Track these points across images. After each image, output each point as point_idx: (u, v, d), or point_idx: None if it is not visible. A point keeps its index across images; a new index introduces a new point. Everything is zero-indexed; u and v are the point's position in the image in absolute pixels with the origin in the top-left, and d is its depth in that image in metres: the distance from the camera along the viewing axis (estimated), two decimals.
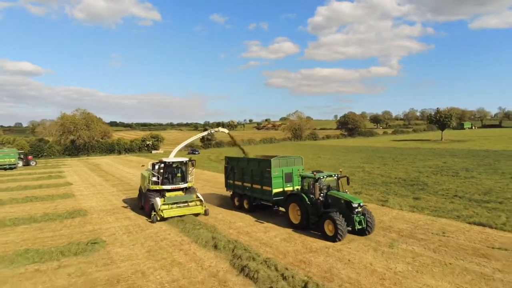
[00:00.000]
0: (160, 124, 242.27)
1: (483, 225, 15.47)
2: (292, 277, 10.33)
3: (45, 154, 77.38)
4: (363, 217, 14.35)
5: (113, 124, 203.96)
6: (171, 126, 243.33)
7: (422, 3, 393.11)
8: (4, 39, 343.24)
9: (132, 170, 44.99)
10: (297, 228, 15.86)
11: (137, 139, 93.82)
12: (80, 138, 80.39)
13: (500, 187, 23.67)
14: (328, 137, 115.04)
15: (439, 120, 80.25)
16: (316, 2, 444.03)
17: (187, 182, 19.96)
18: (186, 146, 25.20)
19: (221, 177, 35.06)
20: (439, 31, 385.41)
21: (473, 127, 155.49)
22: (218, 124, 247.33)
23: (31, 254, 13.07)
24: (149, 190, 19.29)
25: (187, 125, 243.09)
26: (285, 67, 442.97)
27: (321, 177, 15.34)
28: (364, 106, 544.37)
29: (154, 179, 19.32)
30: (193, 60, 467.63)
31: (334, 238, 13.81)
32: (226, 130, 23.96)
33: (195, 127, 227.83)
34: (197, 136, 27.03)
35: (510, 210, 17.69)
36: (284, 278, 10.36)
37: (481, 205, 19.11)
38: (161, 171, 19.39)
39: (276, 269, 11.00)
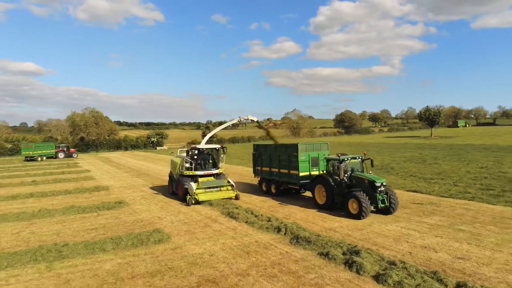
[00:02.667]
0: (163, 123, 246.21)
1: (417, 191, 20.18)
2: (261, 215, 15.15)
3: None
4: (386, 196, 14.84)
5: (117, 123, 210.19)
6: (174, 125, 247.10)
7: (422, 3, 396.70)
8: (7, 40, 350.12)
9: (140, 162, 49.86)
10: (322, 208, 16.55)
11: (142, 136, 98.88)
12: (90, 135, 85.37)
13: (453, 170, 28.21)
14: (325, 134, 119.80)
15: (428, 118, 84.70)
16: (318, 2, 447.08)
17: (218, 168, 20.86)
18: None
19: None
20: (441, 30, 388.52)
21: (467, 125, 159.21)
22: (220, 123, 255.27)
23: (75, 208, 17.92)
24: (182, 175, 20.10)
25: (189, 124, 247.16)
26: (286, 67, 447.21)
27: (346, 159, 16.08)
28: (365, 105, 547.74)
29: (187, 165, 20.05)
30: (194, 60, 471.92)
31: (358, 216, 14.33)
32: (255, 118, 24.47)
33: (197, 126, 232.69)
34: (227, 124, 27.28)
35: (446, 183, 22.32)
36: (256, 216, 15.15)
37: (426, 180, 23.74)
38: (195, 157, 20.15)
39: (252, 213, 15.80)
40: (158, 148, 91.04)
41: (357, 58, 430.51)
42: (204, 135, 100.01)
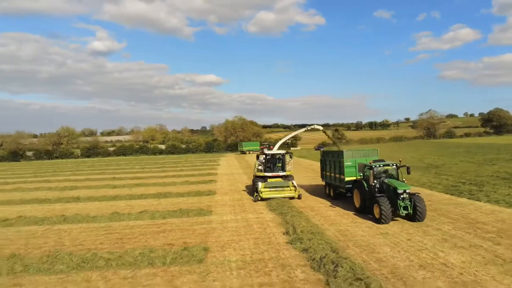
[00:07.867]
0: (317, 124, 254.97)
1: None
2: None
3: (214, 150, 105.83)
4: (409, 203, 14.96)
5: (274, 126, 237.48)
6: (327, 126, 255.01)
7: None
8: (195, 58, 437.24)
9: None
10: (358, 211, 17.60)
11: (281, 137, 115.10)
12: (238, 138, 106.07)
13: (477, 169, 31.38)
14: (467, 135, 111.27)
15: None
16: None
17: (285, 171, 23.72)
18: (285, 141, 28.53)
19: (307, 163, 49.91)
20: None
21: None
22: (370, 124, 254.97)
23: (188, 183, 32.05)
24: (255, 176, 23.87)
25: (342, 125, 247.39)
26: (461, 57, 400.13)
27: (376, 166, 16.79)
28: None
29: (260, 167, 23.50)
30: (356, 59, 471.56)
31: (379, 221, 14.90)
32: (320, 127, 26.83)
33: (347, 127, 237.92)
34: (295, 133, 31.40)
35: (438, 177, 27.55)
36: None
37: (435, 176, 29.02)
38: (264, 161, 23.58)
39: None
40: (292, 148, 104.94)
41: None
42: (333, 138, 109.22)
